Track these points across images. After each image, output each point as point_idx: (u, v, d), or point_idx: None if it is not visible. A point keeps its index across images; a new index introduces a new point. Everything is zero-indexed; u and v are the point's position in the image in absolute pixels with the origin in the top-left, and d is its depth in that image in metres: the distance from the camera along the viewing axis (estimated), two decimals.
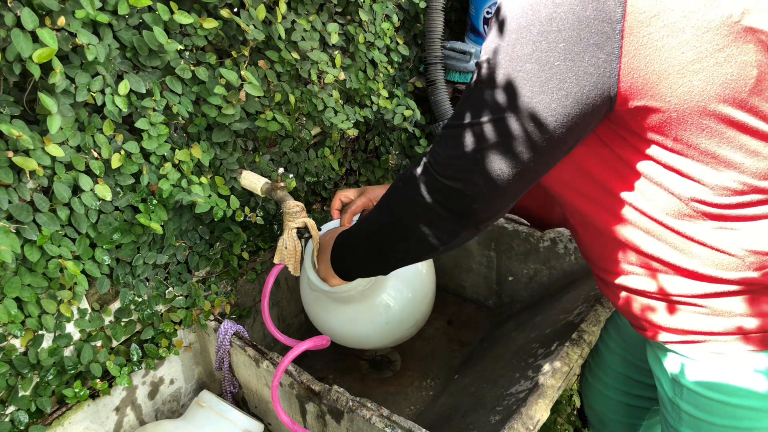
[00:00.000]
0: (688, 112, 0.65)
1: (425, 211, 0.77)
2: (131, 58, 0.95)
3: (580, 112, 0.66)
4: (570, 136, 0.68)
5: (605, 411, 1.23)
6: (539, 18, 0.63)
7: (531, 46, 0.64)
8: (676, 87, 0.63)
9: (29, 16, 0.74)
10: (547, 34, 0.63)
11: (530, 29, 0.64)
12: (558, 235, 1.43)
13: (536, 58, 0.64)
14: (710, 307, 0.77)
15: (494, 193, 0.72)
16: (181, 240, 1.21)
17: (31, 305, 0.94)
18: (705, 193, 0.70)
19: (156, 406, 1.30)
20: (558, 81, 0.64)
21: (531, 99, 0.65)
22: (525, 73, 0.65)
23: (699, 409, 0.84)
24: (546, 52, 0.63)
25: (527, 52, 0.64)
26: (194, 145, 1.07)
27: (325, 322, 1.29)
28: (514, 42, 0.65)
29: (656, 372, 0.92)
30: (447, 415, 1.23)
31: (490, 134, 0.68)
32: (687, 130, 0.66)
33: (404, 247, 0.85)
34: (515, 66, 0.65)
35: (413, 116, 1.50)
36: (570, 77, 0.64)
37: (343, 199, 1.14)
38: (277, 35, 1.10)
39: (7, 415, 1.01)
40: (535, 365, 1.09)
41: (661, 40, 0.61)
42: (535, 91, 0.65)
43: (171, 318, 1.22)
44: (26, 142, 0.80)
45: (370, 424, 0.99)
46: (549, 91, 0.65)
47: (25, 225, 0.88)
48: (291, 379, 1.11)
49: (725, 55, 0.61)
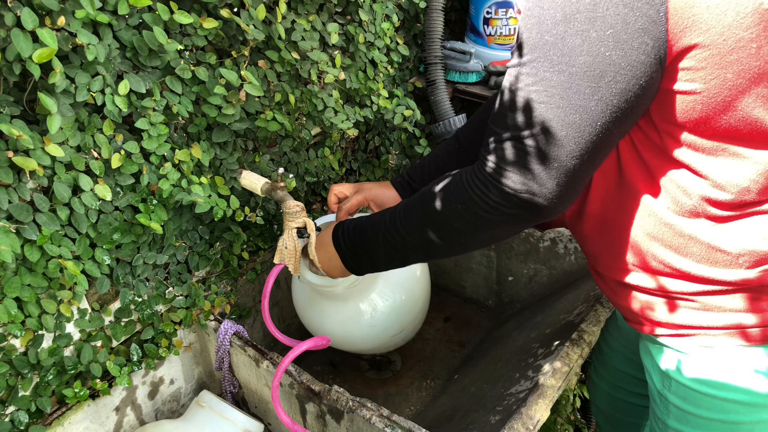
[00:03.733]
0: (713, 104, 0.65)
1: (493, 225, 0.77)
2: (131, 58, 0.95)
3: (636, 101, 0.66)
4: (629, 119, 0.69)
5: (612, 410, 1.23)
6: (584, 4, 0.62)
7: (580, 36, 0.63)
8: (711, 77, 0.64)
9: (29, 16, 0.74)
10: (594, 21, 0.62)
11: (577, 17, 0.62)
12: (558, 235, 1.43)
13: (588, 49, 0.63)
14: (702, 302, 0.78)
15: (568, 192, 0.72)
16: (181, 240, 1.21)
17: (31, 305, 0.94)
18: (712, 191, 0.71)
19: (156, 406, 1.30)
20: (613, 73, 0.63)
21: (590, 97, 0.65)
22: (579, 68, 0.64)
23: (687, 401, 0.85)
24: (597, 42, 0.62)
25: (578, 43, 0.63)
26: (194, 145, 1.07)
27: (313, 320, 1.30)
28: (563, 34, 0.63)
29: (647, 364, 0.93)
30: (447, 415, 1.23)
31: (555, 136, 0.67)
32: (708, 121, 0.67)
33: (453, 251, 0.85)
34: (568, 60, 0.64)
35: (413, 116, 1.49)
36: (624, 67, 0.63)
37: (338, 194, 1.13)
38: (277, 35, 1.10)
39: (7, 415, 1.01)
40: (535, 365, 1.09)
41: (705, 23, 0.61)
42: (593, 87, 0.64)
43: (171, 318, 1.22)
44: (26, 142, 0.80)
45: (370, 424, 0.99)
46: (606, 85, 0.64)
47: (25, 225, 0.88)
48: (291, 379, 1.10)
49: (756, 45, 0.62)
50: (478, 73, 1.64)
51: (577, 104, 0.65)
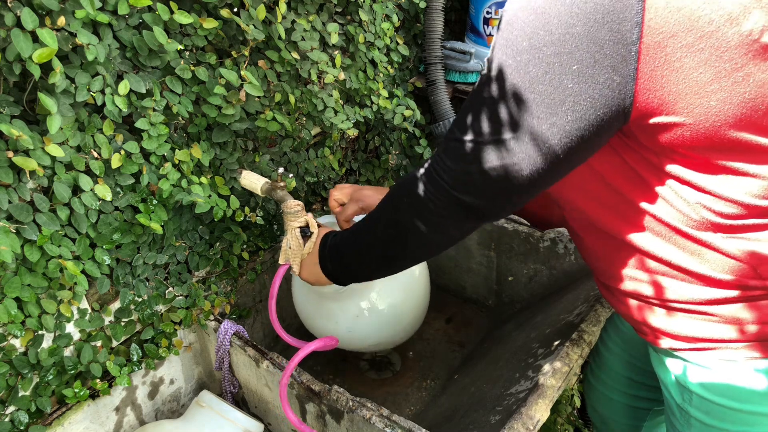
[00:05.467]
0: (702, 131, 0.64)
1: (433, 216, 0.78)
2: (131, 58, 0.95)
3: (593, 133, 0.66)
4: (582, 154, 0.69)
5: (608, 413, 1.23)
6: (553, 39, 0.62)
7: (544, 67, 0.63)
8: (693, 107, 0.62)
9: (29, 16, 0.74)
10: (561, 55, 0.62)
11: (543, 50, 0.62)
12: (558, 235, 1.43)
13: (549, 79, 0.63)
14: (720, 314, 0.76)
15: (504, 205, 0.75)
16: (181, 240, 1.21)
17: (31, 305, 0.94)
18: (716, 204, 0.69)
19: (156, 406, 1.30)
20: (572, 103, 0.63)
21: (544, 120, 0.65)
22: (538, 95, 0.64)
23: (710, 415, 0.83)
24: (559, 74, 0.63)
25: (540, 72, 0.63)
26: (194, 145, 1.07)
27: (314, 319, 1.30)
28: (527, 62, 0.64)
29: (662, 377, 0.91)
30: (447, 415, 1.23)
31: (503, 153, 0.69)
32: (699, 145, 0.65)
33: (409, 252, 0.86)
34: (528, 86, 0.64)
35: (413, 116, 1.50)
36: (584, 99, 0.63)
37: (337, 201, 1.14)
38: (277, 35, 1.10)
39: (7, 415, 1.01)
40: (535, 365, 1.09)
41: (679, 61, 0.60)
42: (548, 113, 0.64)
43: (171, 318, 1.22)
44: (26, 142, 0.80)
45: (370, 424, 0.99)
46: (563, 113, 0.64)
47: (25, 225, 0.88)
48: (291, 379, 1.10)
49: (743, 74, 0.60)
50: (478, 73, 1.64)
51: (530, 125, 0.66)
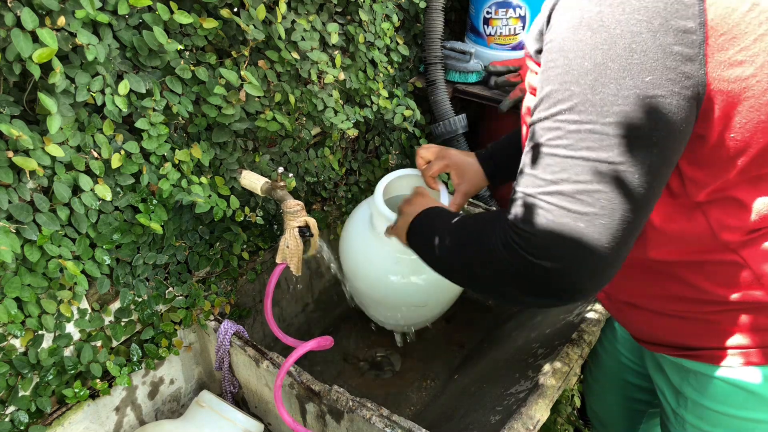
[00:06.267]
0: (753, 140, 0.62)
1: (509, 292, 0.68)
2: (131, 58, 0.95)
3: (679, 146, 0.60)
4: (670, 169, 0.62)
5: (605, 413, 1.23)
6: (617, 52, 0.56)
7: (614, 85, 0.57)
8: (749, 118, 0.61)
9: (29, 16, 0.74)
10: (630, 69, 0.56)
11: (609, 66, 0.57)
12: None
13: (623, 97, 0.57)
14: (718, 321, 0.76)
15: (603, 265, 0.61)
16: (181, 240, 1.21)
17: (31, 305, 0.94)
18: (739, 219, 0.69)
19: (156, 406, 1.30)
20: (653, 122, 0.57)
21: (629, 148, 0.58)
22: (614, 117, 0.57)
23: (705, 422, 0.83)
24: (633, 89, 0.57)
25: (611, 92, 0.57)
26: (194, 145, 1.07)
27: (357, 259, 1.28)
28: (593, 84, 0.58)
29: (658, 382, 0.91)
30: (447, 415, 1.23)
31: (594, 197, 0.59)
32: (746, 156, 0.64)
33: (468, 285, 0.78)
34: (599, 111, 0.58)
35: (413, 116, 1.50)
36: (664, 114, 0.57)
37: (423, 158, 1.16)
38: (277, 35, 1.10)
39: (7, 415, 1.01)
40: (535, 365, 1.09)
41: (740, 66, 0.58)
42: (631, 136, 0.57)
43: (171, 318, 1.22)
44: (26, 142, 0.80)
45: (370, 424, 0.99)
46: (645, 135, 0.57)
47: (25, 225, 0.88)
48: (291, 379, 1.10)
49: None
50: (478, 73, 1.64)
51: (619, 160, 0.58)
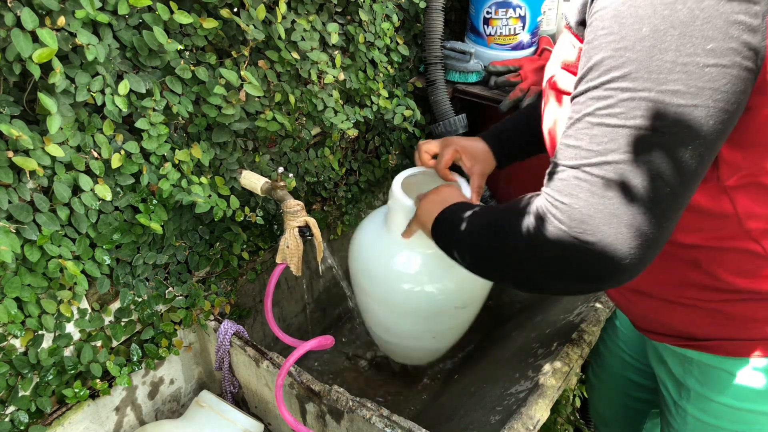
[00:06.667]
0: None
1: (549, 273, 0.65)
2: (131, 58, 0.95)
3: (734, 118, 0.58)
4: (721, 143, 0.59)
5: (608, 412, 1.23)
6: (679, 18, 0.54)
7: (673, 52, 0.55)
8: None
9: (29, 16, 0.74)
10: (691, 36, 0.54)
11: (668, 32, 0.55)
12: None
13: (682, 65, 0.55)
14: (724, 311, 0.76)
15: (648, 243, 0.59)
16: (181, 240, 1.21)
17: (31, 305, 0.94)
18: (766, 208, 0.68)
19: (156, 406, 1.30)
20: (711, 91, 0.55)
21: (685, 119, 0.56)
22: (672, 84, 0.55)
23: (707, 413, 0.83)
24: (693, 56, 0.54)
25: (669, 59, 0.55)
26: (194, 145, 1.07)
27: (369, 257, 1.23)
28: (650, 50, 0.55)
29: (659, 373, 0.91)
30: (447, 415, 1.23)
31: (643, 169, 0.57)
32: None
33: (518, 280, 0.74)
34: (656, 78, 0.56)
35: (413, 116, 1.49)
36: (723, 84, 0.55)
37: (428, 152, 1.12)
38: (277, 35, 1.10)
39: (7, 415, 1.01)
40: (535, 365, 1.09)
41: None
42: (688, 106, 0.56)
43: (171, 318, 1.22)
44: (26, 142, 0.80)
45: (370, 424, 0.99)
46: (704, 105, 0.56)
47: (25, 225, 0.88)
48: (291, 379, 1.10)
49: None
50: (478, 73, 1.64)
51: (671, 130, 0.56)
